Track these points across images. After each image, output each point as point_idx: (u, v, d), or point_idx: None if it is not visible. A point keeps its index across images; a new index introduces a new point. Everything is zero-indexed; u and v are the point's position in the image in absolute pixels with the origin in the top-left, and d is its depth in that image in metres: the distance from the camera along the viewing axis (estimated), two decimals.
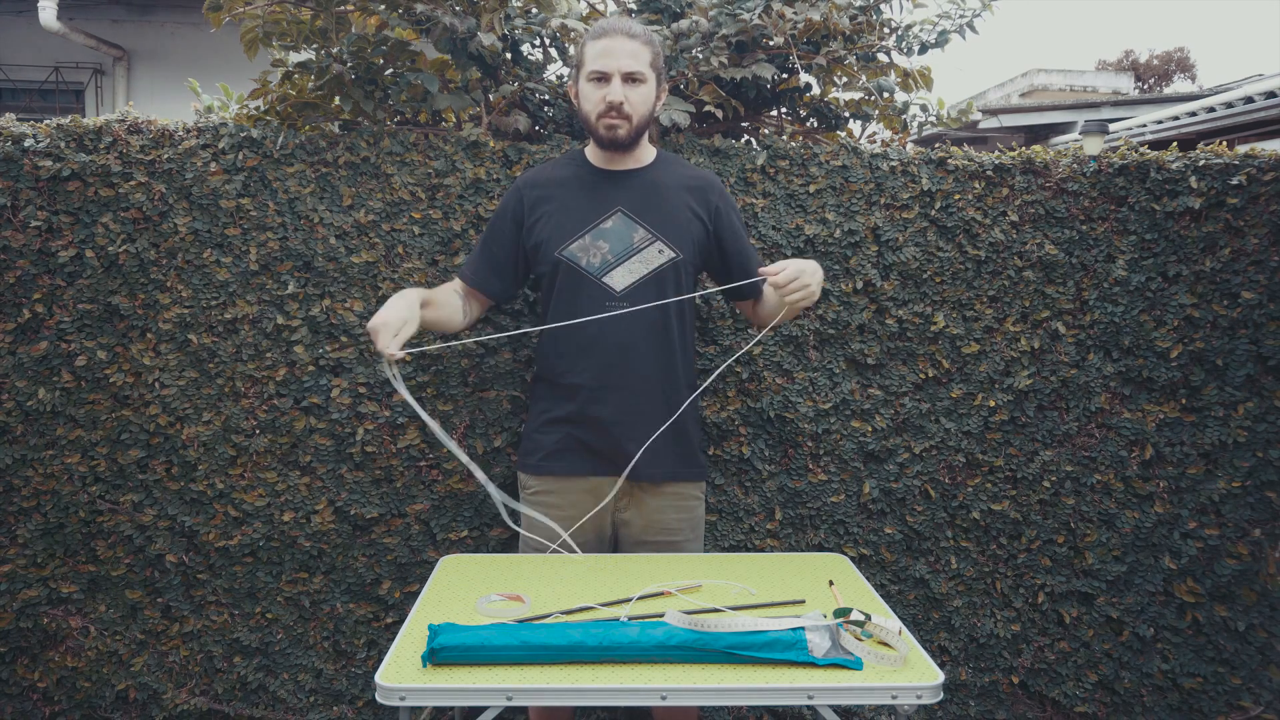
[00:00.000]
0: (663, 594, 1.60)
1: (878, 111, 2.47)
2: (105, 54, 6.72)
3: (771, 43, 2.20)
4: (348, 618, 2.28)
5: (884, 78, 2.39)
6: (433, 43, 2.15)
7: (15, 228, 2.15)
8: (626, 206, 1.91)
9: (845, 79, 2.41)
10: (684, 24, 2.27)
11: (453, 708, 1.99)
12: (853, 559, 2.27)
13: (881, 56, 2.42)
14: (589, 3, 2.55)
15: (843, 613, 1.47)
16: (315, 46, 2.17)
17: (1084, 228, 2.27)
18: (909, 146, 2.38)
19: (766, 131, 2.38)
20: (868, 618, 1.44)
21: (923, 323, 2.28)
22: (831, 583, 1.69)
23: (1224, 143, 2.33)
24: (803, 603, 1.58)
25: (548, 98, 2.37)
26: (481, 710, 1.32)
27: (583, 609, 1.53)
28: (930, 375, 2.29)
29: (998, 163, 2.27)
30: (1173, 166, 2.25)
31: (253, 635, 2.27)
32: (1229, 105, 6.35)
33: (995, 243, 2.27)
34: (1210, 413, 2.29)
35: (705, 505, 2.13)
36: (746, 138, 2.50)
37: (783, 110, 2.50)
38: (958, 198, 2.26)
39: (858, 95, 2.45)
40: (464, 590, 1.65)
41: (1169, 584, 2.33)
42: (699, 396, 2.06)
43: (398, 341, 1.70)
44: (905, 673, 1.33)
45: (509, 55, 2.32)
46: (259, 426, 2.22)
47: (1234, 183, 2.23)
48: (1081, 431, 2.31)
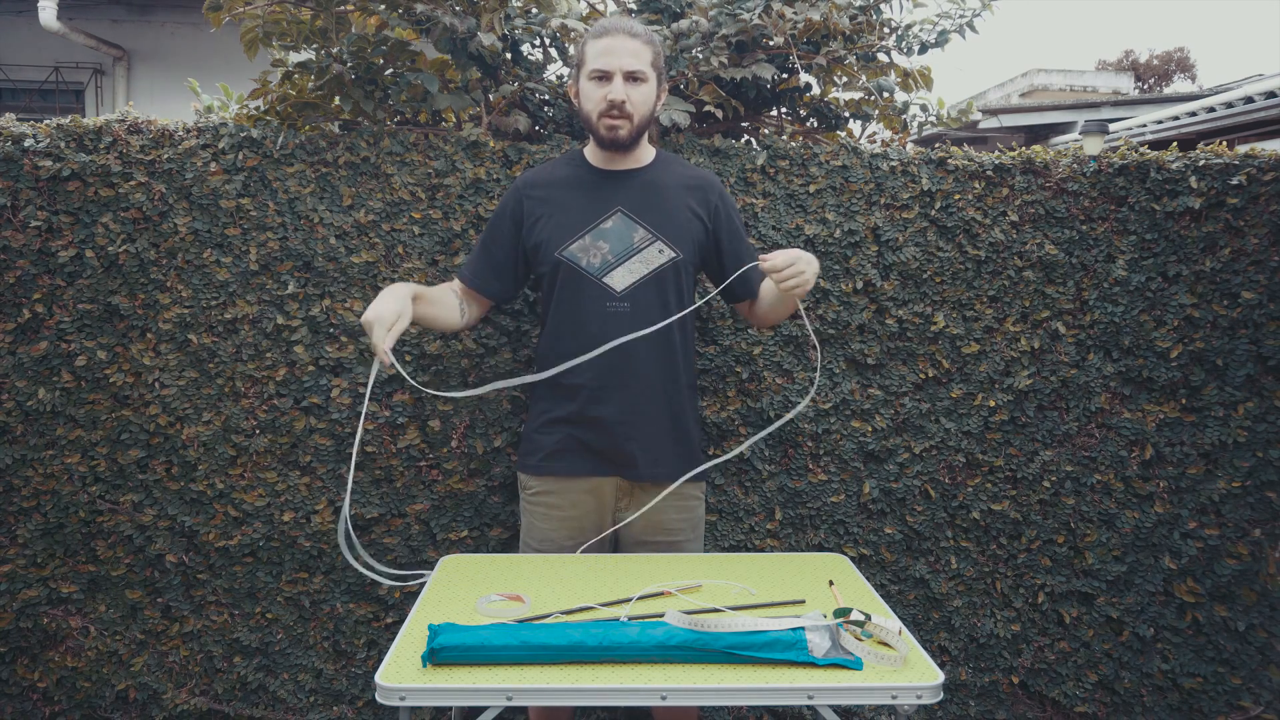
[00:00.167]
0: (663, 594, 1.60)
1: (878, 111, 2.47)
2: (105, 54, 6.72)
3: (771, 43, 2.20)
4: (348, 618, 2.28)
5: (884, 78, 2.39)
6: (433, 43, 2.15)
7: (15, 228, 2.15)
8: (626, 206, 1.91)
9: (845, 79, 2.41)
10: (684, 24, 2.27)
11: (451, 707, 1.99)
12: (853, 559, 2.27)
13: (881, 56, 2.42)
14: (589, 3, 2.55)
15: (843, 613, 1.47)
16: (315, 46, 2.17)
17: (1084, 228, 2.27)
18: (909, 146, 2.38)
19: (766, 131, 2.38)
20: (868, 618, 1.43)
21: (923, 323, 2.28)
22: (831, 583, 1.69)
23: (1224, 143, 2.33)
24: (803, 603, 1.58)
25: (548, 98, 2.37)
26: (481, 710, 1.32)
27: (583, 609, 1.53)
28: (930, 375, 2.29)
29: (998, 163, 2.27)
30: (1173, 166, 2.25)
31: (253, 635, 2.27)
32: (1229, 105, 6.35)
33: (995, 243, 2.27)
34: (1210, 413, 2.29)
35: (705, 505, 2.14)
36: (746, 138, 2.50)
37: (783, 110, 2.50)
38: (958, 198, 2.26)
39: (858, 95, 2.45)
40: (464, 590, 1.65)
41: (1169, 584, 2.33)
42: (750, 442, 2.13)
43: (392, 337, 1.70)
44: (905, 673, 1.33)
45: (509, 55, 2.32)
46: (259, 426, 2.22)
47: (1234, 183, 2.23)
48: (1081, 431, 2.31)
